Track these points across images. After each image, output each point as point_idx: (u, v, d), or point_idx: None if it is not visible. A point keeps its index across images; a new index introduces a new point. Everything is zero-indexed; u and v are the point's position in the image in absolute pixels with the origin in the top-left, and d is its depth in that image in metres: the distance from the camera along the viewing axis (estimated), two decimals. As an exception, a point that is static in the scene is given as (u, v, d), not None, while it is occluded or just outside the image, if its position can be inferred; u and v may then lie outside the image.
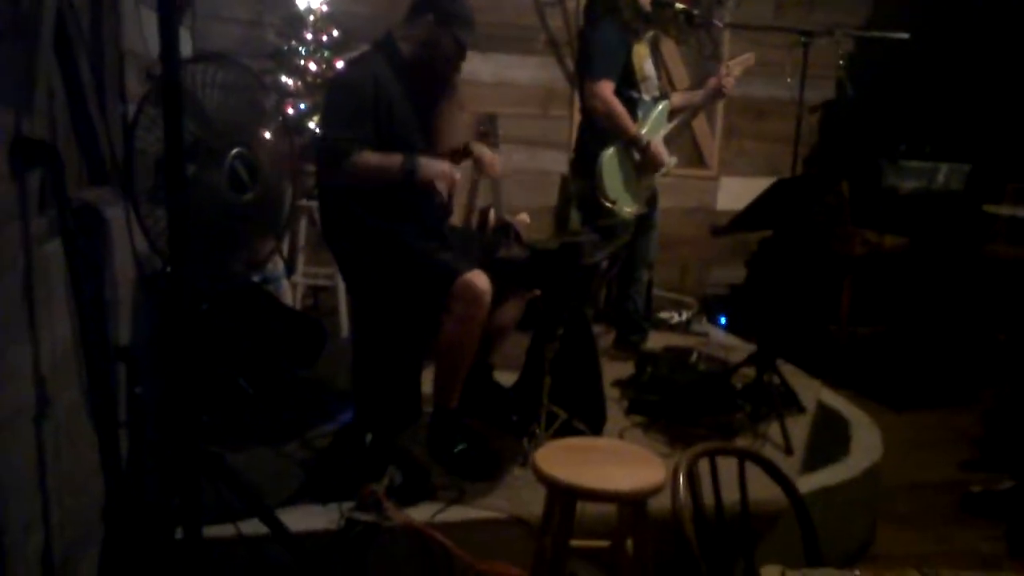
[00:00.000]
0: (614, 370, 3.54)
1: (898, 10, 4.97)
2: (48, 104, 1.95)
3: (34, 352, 1.79)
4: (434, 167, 2.70)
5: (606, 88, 3.48)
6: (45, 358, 1.83)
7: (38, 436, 1.79)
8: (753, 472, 1.90)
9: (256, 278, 3.26)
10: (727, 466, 1.89)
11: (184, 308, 1.76)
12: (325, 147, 2.69)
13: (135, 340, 2.43)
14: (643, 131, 3.58)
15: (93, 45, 2.41)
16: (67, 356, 1.99)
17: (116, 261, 2.26)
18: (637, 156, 3.58)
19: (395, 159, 2.63)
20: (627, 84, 3.57)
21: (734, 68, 3.70)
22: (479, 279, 2.59)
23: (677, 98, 3.87)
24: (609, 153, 3.54)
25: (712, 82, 3.73)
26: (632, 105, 3.58)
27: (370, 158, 2.62)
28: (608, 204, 3.50)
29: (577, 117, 4.64)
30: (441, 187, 2.72)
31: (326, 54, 3.98)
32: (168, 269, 1.92)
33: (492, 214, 4.37)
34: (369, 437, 2.61)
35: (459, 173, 2.76)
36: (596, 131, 3.61)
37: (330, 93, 2.81)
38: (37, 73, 1.79)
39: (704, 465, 1.83)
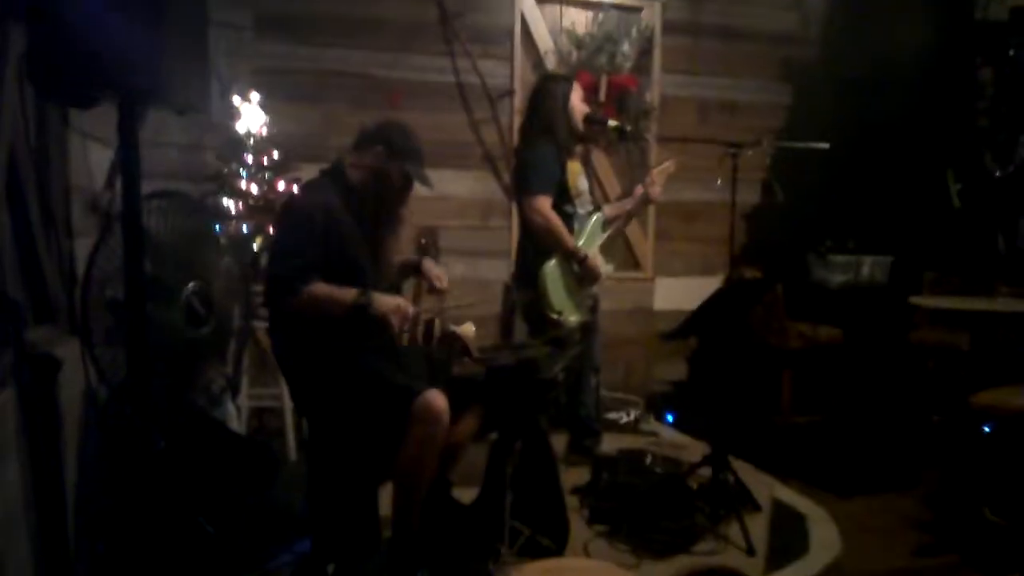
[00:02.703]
0: (570, 477, 3.53)
1: (814, 113, 5.31)
2: (-1, 249, 1.93)
3: (-15, 508, 1.72)
4: (387, 302, 2.65)
5: (544, 203, 3.58)
6: (-4, 513, 1.76)
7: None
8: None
9: (201, 402, 3.19)
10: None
11: (144, 453, 1.72)
12: (276, 277, 2.65)
13: (83, 483, 2.34)
14: (580, 243, 3.69)
15: (40, 182, 2.40)
16: (17, 509, 1.90)
17: (66, 401, 2.20)
18: (576, 268, 3.66)
19: (348, 293, 2.60)
20: (563, 199, 3.68)
21: (657, 176, 3.86)
22: (437, 399, 2.58)
23: (609, 209, 4.01)
24: (551, 265, 3.61)
25: (639, 190, 3.88)
26: (568, 219, 3.68)
27: (322, 290, 2.59)
28: (554, 315, 3.55)
29: (515, 227, 4.77)
30: (394, 321, 2.64)
31: (267, 176, 4.01)
32: (128, 410, 1.87)
33: (437, 325, 4.40)
34: (331, 568, 2.53)
35: (412, 307, 2.72)
36: (536, 244, 3.68)
37: (281, 220, 2.81)
38: (-7, 222, 1.78)
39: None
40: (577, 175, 3.83)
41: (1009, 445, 3.58)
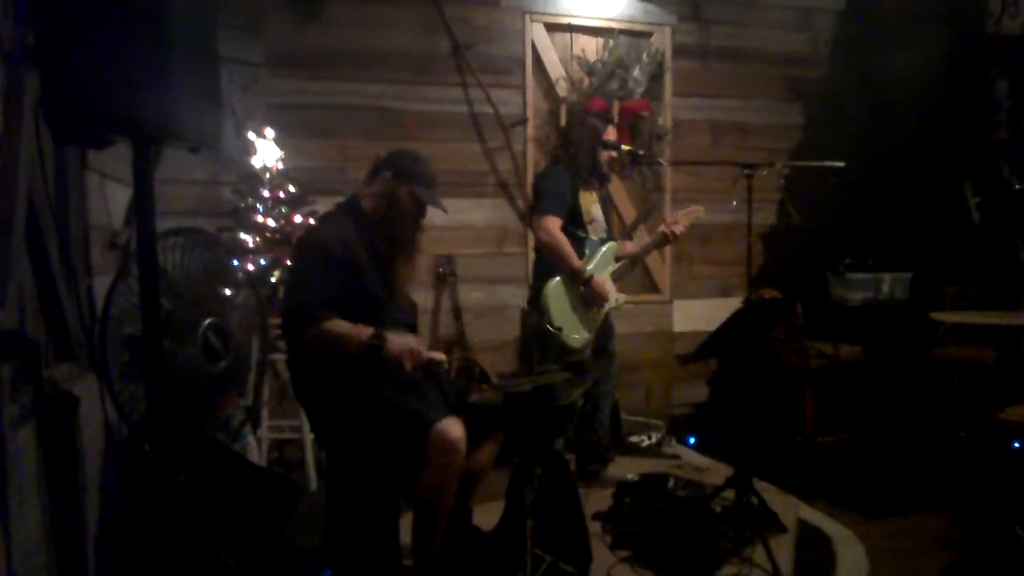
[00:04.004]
0: (589, 502, 3.49)
1: (827, 132, 5.31)
2: (19, 289, 1.96)
3: (6, 546, 1.73)
4: (400, 342, 2.64)
5: (552, 223, 3.70)
6: (17, 551, 1.77)
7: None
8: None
9: (221, 435, 3.21)
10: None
11: (163, 487, 1.73)
12: (293, 311, 2.66)
13: (103, 518, 2.36)
14: (589, 267, 3.75)
15: (59, 223, 2.44)
16: (38, 544, 1.92)
17: (86, 437, 2.22)
18: (581, 289, 3.71)
19: (363, 331, 2.61)
20: (575, 224, 3.79)
21: (683, 217, 3.91)
22: (454, 427, 2.58)
23: (631, 246, 4.08)
24: (555, 282, 3.68)
25: (662, 228, 3.93)
26: (580, 243, 3.78)
27: (338, 327, 2.60)
28: (553, 330, 3.57)
29: (532, 253, 4.80)
30: (406, 362, 2.64)
31: (283, 209, 4.05)
32: (146, 447, 1.88)
33: (456, 353, 4.42)
34: (352, 600, 2.51)
35: (424, 346, 2.72)
36: (544, 265, 3.80)
37: (299, 254, 2.83)
38: (11, 264, 1.81)
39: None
40: (591, 203, 3.92)
41: (1039, 461, 3.52)
